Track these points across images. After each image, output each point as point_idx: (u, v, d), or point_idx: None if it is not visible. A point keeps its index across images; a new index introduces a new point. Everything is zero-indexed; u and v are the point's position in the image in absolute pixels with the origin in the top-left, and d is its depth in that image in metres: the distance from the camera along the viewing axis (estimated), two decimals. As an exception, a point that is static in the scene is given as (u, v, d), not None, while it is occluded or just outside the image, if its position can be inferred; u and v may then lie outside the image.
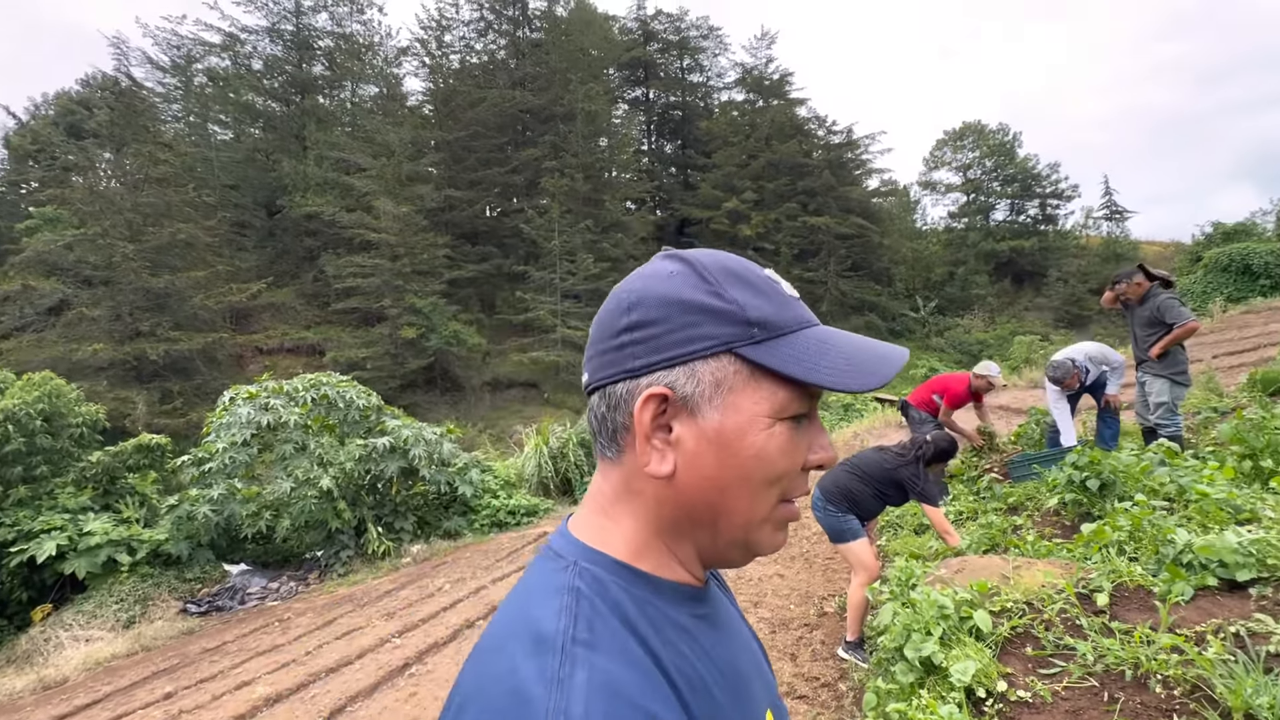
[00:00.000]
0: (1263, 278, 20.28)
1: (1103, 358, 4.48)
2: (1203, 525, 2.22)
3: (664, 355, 0.52)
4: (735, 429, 0.51)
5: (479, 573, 8.22)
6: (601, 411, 0.55)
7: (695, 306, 0.52)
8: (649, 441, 0.52)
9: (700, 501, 0.53)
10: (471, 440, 23.48)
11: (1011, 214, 47.58)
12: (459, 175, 34.34)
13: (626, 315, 0.53)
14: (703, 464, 0.52)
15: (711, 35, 45.70)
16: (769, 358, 0.52)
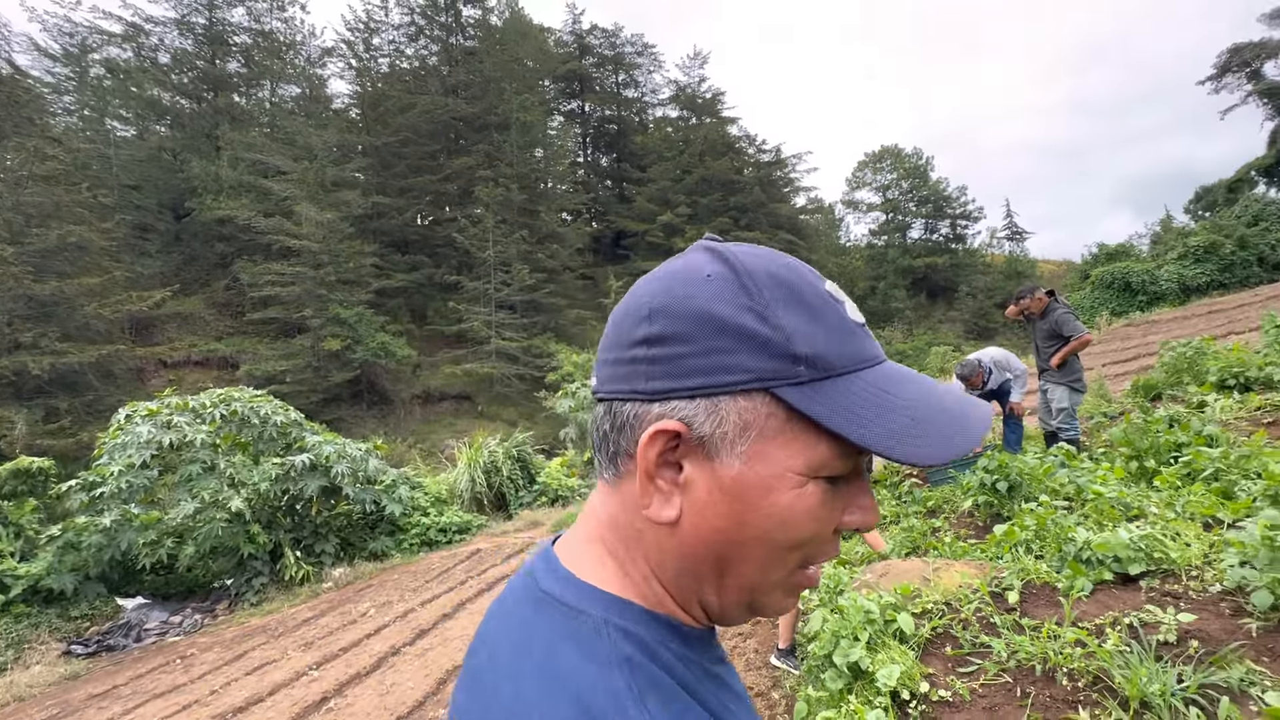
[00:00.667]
0: (1140, 294, 22.44)
1: (1006, 363, 4.81)
2: (1098, 523, 2.41)
3: (684, 383, 0.42)
4: (758, 482, 0.41)
5: (407, 595, 7.85)
6: (604, 429, 0.46)
7: (731, 328, 0.41)
8: (652, 481, 0.43)
9: (705, 555, 0.44)
10: (401, 455, 22.57)
11: (926, 233, 50.78)
12: (388, 182, 33.20)
13: (645, 324, 0.43)
14: (713, 515, 0.43)
15: (646, 52, 46.54)
16: (815, 405, 0.41)
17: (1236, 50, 27.39)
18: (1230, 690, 1.34)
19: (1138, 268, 23.15)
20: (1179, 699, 1.35)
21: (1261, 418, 3.10)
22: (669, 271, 0.46)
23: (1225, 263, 22.10)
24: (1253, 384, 3.64)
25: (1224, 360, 3.90)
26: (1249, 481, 2.07)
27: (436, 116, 34.66)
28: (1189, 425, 2.98)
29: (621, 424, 0.44)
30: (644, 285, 0.46)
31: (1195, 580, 1.90)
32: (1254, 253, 21.99)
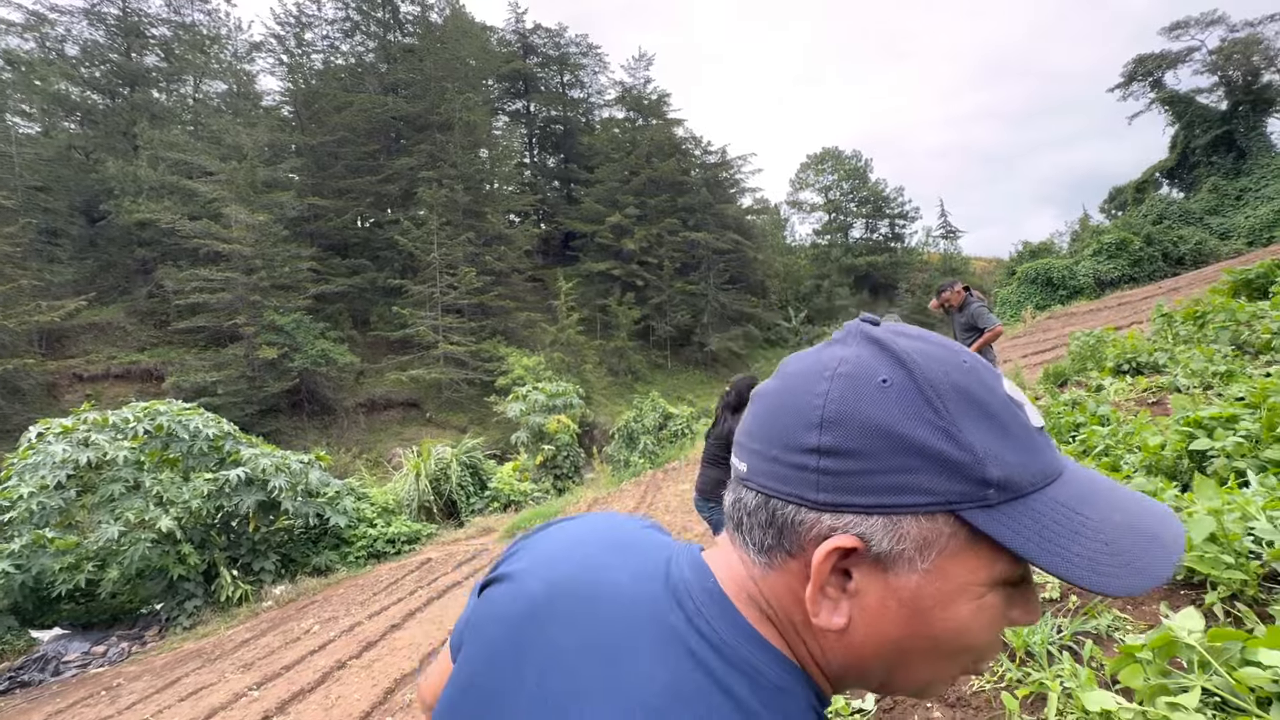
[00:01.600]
0: (1060, 289, 23.92)
1: None
2: None
3: (861, 500, 0.40)
4: (938, 596, 0.40)
5: (354, 609, 7.64)
6: (761, 519, 0.44)
7: (916, 448, 0.39)
8: (821, 591, 0.41)
9: (875, 658, 0.44)
10: (345, 466, 21.81)
11: (867, 232, 52.72)
12: (324, 183, 32.03)
13: (817, 433, 0.41)
14: (887, 624, 0.42)
15: (591, 53, 46.49)
16: (1004, 530, 0.39)
17: (1141, 60, 29.58)
18: (1098, 635, 1.50)
19: (1058, 264, 24.69)
20: (1055, 646, 1.50)
21: (1147, 398, 3.41)
22: (840, 375, 0.42)
23: (1134, 258, 23.79)
24: (1143, 368, 3.99)
25: (1119, 347, 4.26)
26: (1132, 455, 2.28)
27: (375, 115, 33.66)
28: (1085, 407, 3.24)
29: (783, 525, 0.43)
30: (813, 386, 0.43)
31: None
32: (1159, 249, 23.78)
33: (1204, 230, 24.74)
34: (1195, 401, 2.54)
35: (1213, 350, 3.22)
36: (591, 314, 35.19)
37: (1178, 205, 26.67)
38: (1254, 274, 4.29)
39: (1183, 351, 3.58)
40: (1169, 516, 0.43)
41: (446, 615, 5.44)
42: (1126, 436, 2.46)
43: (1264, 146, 26.39)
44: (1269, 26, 26.84)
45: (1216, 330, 3.58)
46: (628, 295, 35.96)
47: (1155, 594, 1.50)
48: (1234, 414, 1.96)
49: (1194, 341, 3.75)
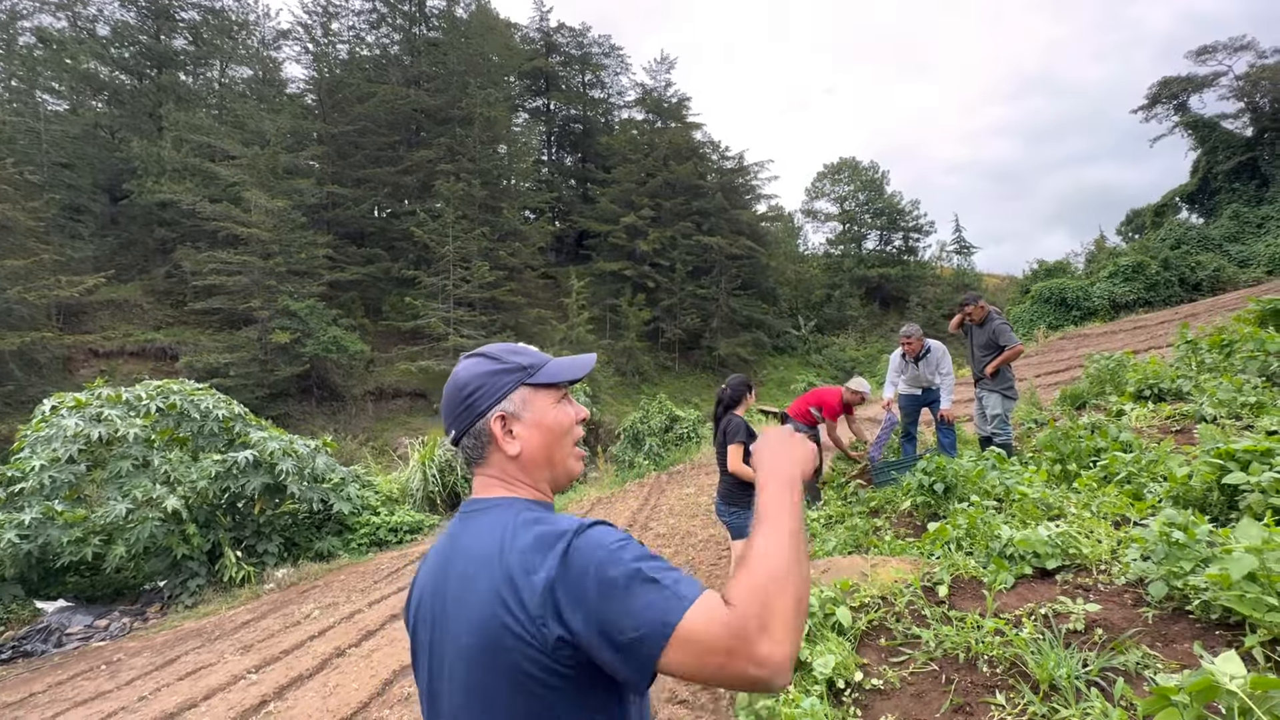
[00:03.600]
0: (1074, 309, 23.70)
1: (940, 357, 5.09)
2: (1023, 521, 2.56)
3: (495, 398, 0.95)
4: (540, 415, 0.97)
5: (354, 596, 7.66)
6: (469, 444, 0.99)
7: (498, 371, 0.96)
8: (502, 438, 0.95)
9: (540, 462, 0.97)
10: (351, 453, 21.95)
11: (880, 244, 52.36)
12: (344, 172, 32.24)
13: (463, 389, 0.98)
14: (533, 440, 0.95)
15: (613, 54, 46.54)
16: (538, 378, 0.97)
17: (1166, 83, 29.25)
18: (1127, 673, 1.46)
19: (1073, 284, 24.45)
20: (1082, 681, 1.46)
21: (1170, 426, 3.35)
22: (464, 365, 1.00)
23: (1151, 282, 23.52)
24: (1165, 395, 3.93)
25: (1140, 373, 4.20)
26: (1156, 484, 2.24)
27: (397, 107, 33.84)
28: (1107, 432, 3.20)
29: (477, 434, 0.95)
30: (455, 379, 0.99)
31: (1104, 574, 2.05)
32: (1176, 274, 23.49)
33: (1223, 257, 24.39)
34: (1224, 433, 2.49)
35: (1241, 380, 3.16)
36: (602, 313, 35.19)
37: (1197, 231, 26.33)
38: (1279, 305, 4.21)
39: (1208, 380, 3.52)
40: (586, 357, 1.07)
41: None
42: (1150, 465, 2.41)
43: (1290, 175, 26.04)
44: (1300, 54, 26.50)
45: (1244, 360, 3.52)
46: (639, 296, 35.93)
47: (1187, 632, 1.46)
48: (1270, 448, 1.92)
49: (1220, 370, 3.69)
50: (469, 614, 0.81)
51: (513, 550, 0.80)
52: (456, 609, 0.84)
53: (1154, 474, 2.32)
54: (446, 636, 0.85)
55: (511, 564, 0.79)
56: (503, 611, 0.77)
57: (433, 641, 0.89)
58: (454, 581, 0.86)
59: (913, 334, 5.01)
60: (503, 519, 0.86)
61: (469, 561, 0.85)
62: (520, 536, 0.82)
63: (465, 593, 0.83)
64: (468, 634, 0.81)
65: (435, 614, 0.89)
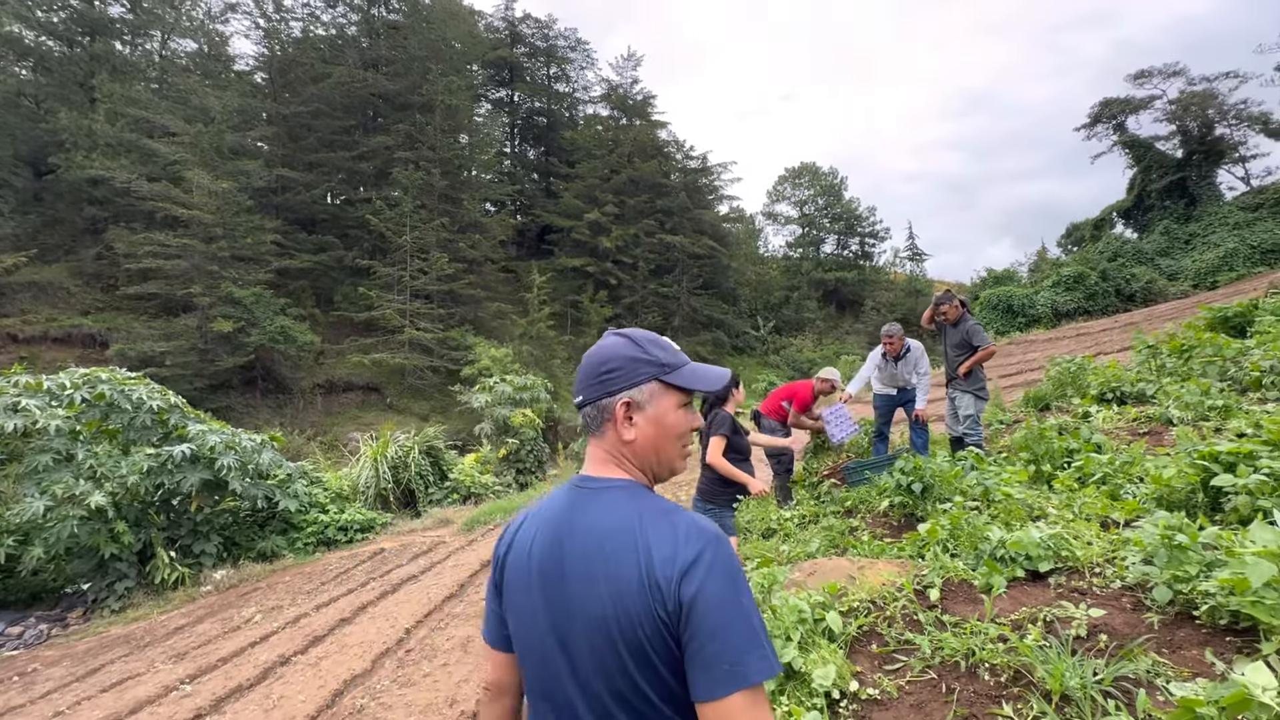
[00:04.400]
0: (1020, 316, 24.73)
1: (919, 356, 5.11)
2: (1006, 523, 2.55)
3: (627, 384, 1.01)
4: (661, 413, 1.02)
5: (299, 599, 7.28)
6: (593, 414, 1.06)
7: (633, 359, 1.02)
8: (623, 424, 1.04)
9: (649, 453, 1.02)
10: (299, 448, 21.05)
11: (837, 248, 53.51)
12: (295, 155, 30.89)
13: (603, 365, 1.03)
14: (648, 432, 1.01)
15: (579, 48, 46.08)
16: (672, 380, 1.02)
17: (1106, 104, 30.79)
18: (1139, 681, 1.43)
19: (1019, 292, 25.51)
20: (1096, 691, 1.42)
21: (1137, 428, 3.44)
22: (605, 342, 1.06)
23: (1090, 292, 24.73)
24: (1127, 398, 4.04)
25: (1101, 376, 4.32)
26: (1132, 485, 2.25)
27: (353, 90, 32.62)
28: (1078, 433, 3.25)
29: (603, 409, 1.01)
30: (600, 350, 1.05)
31: (1098, 576, 2.04)
32: (1113, 284, 24.76)
33: (1154, 270, 25.82)
34: (1198, 435, 2.53)
35: (1208, 384, 3.26)
36: (563, 309, 34.82)
37: (1132, 245, 27.82)
38: (1232, 312, 4.40)
39: (1170, 384, 3.63)
40: (722, 371, 1.10)
41: (400, 613, 5.15)
42: (1125, 466, 2.42)
43: (1213, 195, 27.74)
44: (1223, 82, 28.27)
45: (1203, 364, 3.64)
46: (600, 293, 35.71)
47: (1194, 638, 1.43)
48: (1252, 450, 1.94)
49: (1179, 374, 3.81)
50: (602, 587, 0.87)
51: (657, 532, 0.88)
52: (585, 581, 0.89)
53: (1130, 475, 2.34)
54: (572, 604, 0.90)
55: (655, 545, 0.86)
56: (640, 587, 0.84)
57: (565, 610, 0.92)
58: (578, 554, 0.92)
59: (894, 333, 5.01)
60: (632, 500, 0.94)
61: (599, 536, 0.91)
62: (662, 521, 0.89)
63: (596, 566, 0.89)
64: (600, 605, 0.87)
65: (551, 580, 0.93)
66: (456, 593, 4.87)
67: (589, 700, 0.89)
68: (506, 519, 9.74)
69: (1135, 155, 29.92)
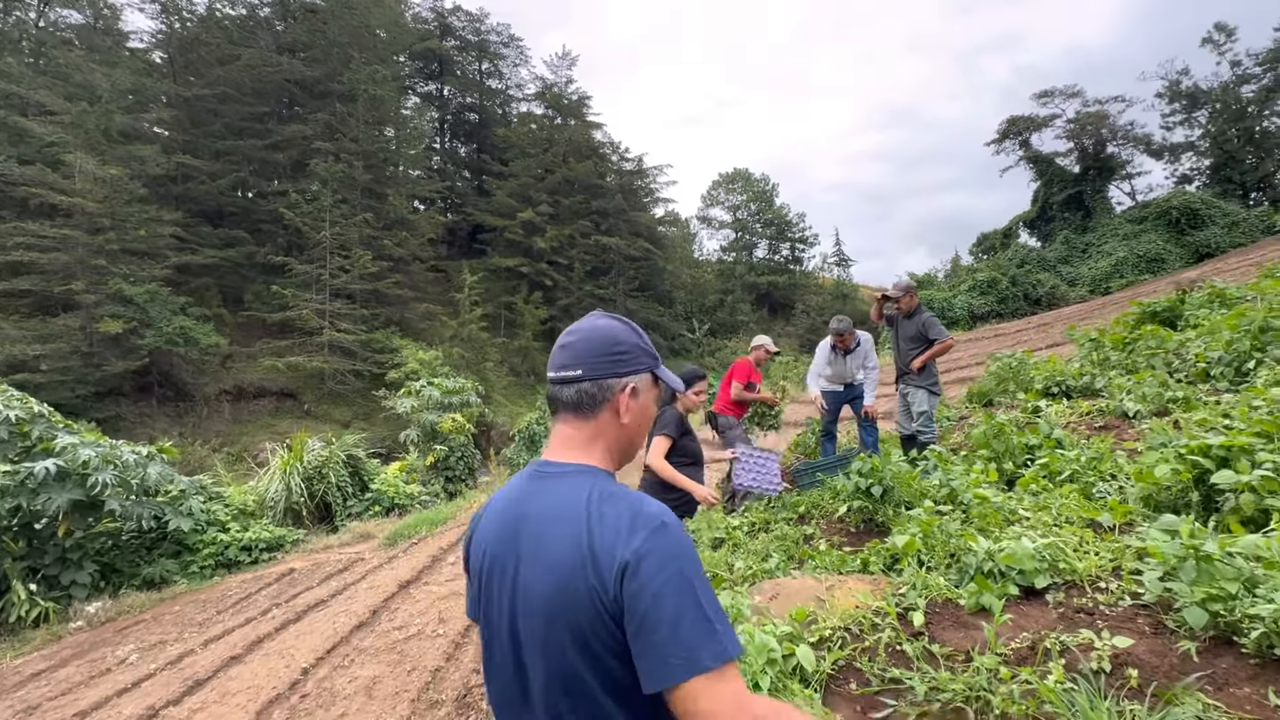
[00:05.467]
0: (940, 318, 25.88)
1: (868, 349, 4.94)
2: (981, 529, 2.35)
3: (632, 368, 1.02)
4: (648, 402, 1.06)
5: (188, 632, 6.43)
6: (591, 392, 1.04)
7: (638, 347, 1.05)
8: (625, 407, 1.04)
9: (635, 436, 1.06)
10: (201, 460, 19.33)
11: (769, 253, 54.92)
12: (199, 142, 28.47)
13: (617, 345, 1.03)
14: (638, 416, 1.04)
15: (512, 44, 45.06)
16: (661, 374, 1.08)
17: (1013, 121, 32.94)
18: (1197, 732, 1.19)
19: (938, 296, 26.78)
20: (1149, 745, 1.18)
21: (1091, 422, 3.38)
22: (605, 321, 1.07)
23: (1002, 296, 26.30)
24: (1073, 391, 4.04)
25: (1043, 371, 4.32)
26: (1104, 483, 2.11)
27: (266, 75, 30.42)
28: (1037, 429, 3.14)
29: (600, 390, 1.01)
30: (608, 329, 1.05)
31: (1103, 593, 1.83)
32: (1022, 289, 26.43)
33: (1057, 276, 27.77)
34: (1169, 428, 2.42)
35: (1163, 376, 3.24)
36: (496, 310, 33.80)
37: (1036, 253, 29.85)
38: (1161, 306, 4.53)
39: (1116, 377, 3.62)
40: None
41: (300, 648, 4.49)
42: (1093, 463, 2.27)
43: (1105, 208, 30.16)
44: (1114, 105, 30.88)
45: (1147, 357, 3.65)
46: (535, 294, 34.92)
47: (1240, 671, 1.21)
48: (1246, 444, 1.79)
49: (1124, 367, 3.83)
50: (546, 572, 0.87)
51: (601, 519, 0.86)
52: (532, 565, 0.89)
53: (1101, 472, 2.19)
54: (520, 589, 0.90)
55: (597, 533, 0.85)
56: (581, 574, 0.83)
57: (512, 594, 0.92)
58: (529, 539, 0.92)
59: (845, 329, 4.81)
60: (585, 486, 0.93)
61: (548, 522, 0.91)
62: (608, 507, 0.88)
63: (543, 551, 0.89)
64: (544, 589, 0.86)
65: (506, 567, 0.94)
66: (368, 620, 4.30)
67: (539, 685, 0.88)
68: (433, 531, 9.11)
69: (1038, 170, 32.13)
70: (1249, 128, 29.22)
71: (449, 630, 3.59)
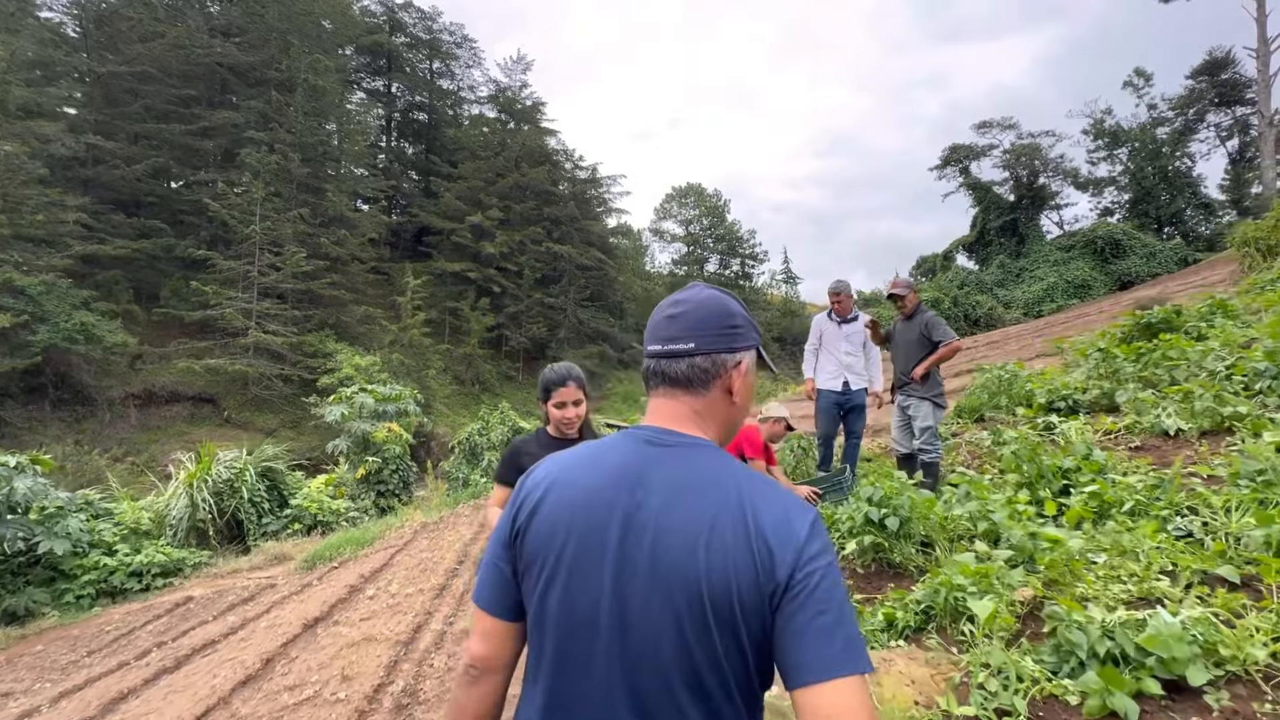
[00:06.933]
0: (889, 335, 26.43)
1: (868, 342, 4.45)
2: (1051, 580, 1.86)
3: (744, 344, 0.95)
4: (752, 379, 0.97)
5: (44, 682, 5.39)
6: (704, 366, 0.95)
7: (751, 323, 0.98)
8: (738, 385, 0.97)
9: (741, 410, 0.97)
10: (99, 471, 17.43)
11: (720, 268, 55.42)
12: (114, 123, 26.19)
13: (731, 317, 0.95)
14: (746, 392, 0.96)
15: (465, 45, 43.98)
16: (764, 355, 1.00)
17: (954, 149, 34.32)
18: None
19: (886, 315, 27.34)
20: None
21: (1123, 441, 3.01)
22: (718, 294, 0.98)
23: (944, 315, 27.09)
24: (1079, 406, 3.72)
25: (1042, 383, 4.00)
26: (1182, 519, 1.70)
27: (195, 56, 28.39)
28: (1067, 449, 2.74)
29: (714, 364, 0.92)
30: (719, 300, 0.96)
31: None
32: (963, 310, 27.31)
33: (993, 299, 28.89)
34: (1273, 451, 2.02)
35: (1216, 388, 2.89)
36: (441, 316, 32.46)
37: (975, 275, 31.05)
38: (1156, 317, 4.32)
39: (1137, 390, 3.30)
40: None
41: (166, 712, 3.45)
42: (1154, 491, 1.85)
43: (1038, 235, 31.69)
44: (1045, 139, 32.65)
45: (1166, 369, 3.35)
46: (482, 301, 33.78)
47: None
48: None
49: (1141, 380, 3.51)
50: (697, 546, 0.78)
51: (759, 496, 0.81)
52: (674, 533, 0.80)
53: (1175, 505, 1.78)
54: (645, 563, 0.80)
55: (762, 509, 0.80)
56: (745, 550, 0.77)
57: (620, 567, 0.81)
58: (659, 508, 0.82)
59: (841, 288, 4.29)
60: (722, 460, 0.87)
61: (687, 492, 0.82)
62: (761, 485, 0.83)
63: (691, 520, 0.80)
64: (694, 565, 0.78)
65: (621, 535, 0.82)
66: (257, 674, 3.50)
67: (642, 676, 0.78)
68: (356, 554, 8.17)
69: (977, 196, 33.53)
70: (1163, 166, 31.38)
71: (352, 694, 2.89)
